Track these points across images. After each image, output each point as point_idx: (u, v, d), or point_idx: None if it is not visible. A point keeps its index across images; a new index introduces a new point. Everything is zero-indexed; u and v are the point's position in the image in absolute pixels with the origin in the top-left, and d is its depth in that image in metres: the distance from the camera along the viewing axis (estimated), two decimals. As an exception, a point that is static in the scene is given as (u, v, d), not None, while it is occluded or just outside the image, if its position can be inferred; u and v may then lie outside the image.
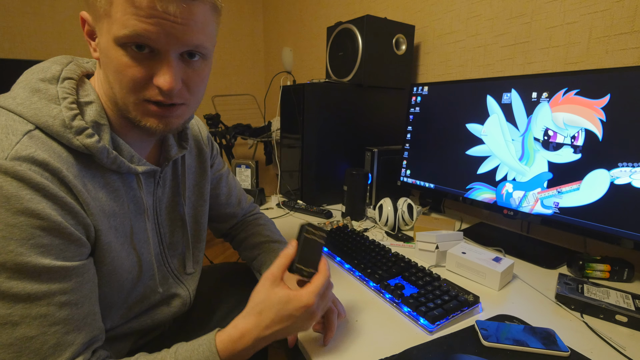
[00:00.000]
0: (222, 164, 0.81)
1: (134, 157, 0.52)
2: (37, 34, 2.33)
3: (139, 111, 0.48)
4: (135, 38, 0.42)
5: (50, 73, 0.47)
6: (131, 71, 0.44)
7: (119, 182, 0.52)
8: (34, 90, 0.45)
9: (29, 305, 0.40)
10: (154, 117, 0.48)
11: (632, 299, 0.63)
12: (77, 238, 0.44)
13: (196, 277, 0.69)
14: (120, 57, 0.44)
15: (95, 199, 0.47)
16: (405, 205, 1.03)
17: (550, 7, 0.98)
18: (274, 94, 2.85)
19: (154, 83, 0.45)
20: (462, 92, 0.99)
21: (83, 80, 0.50)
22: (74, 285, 0.44)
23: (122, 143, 0.51)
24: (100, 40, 0.46)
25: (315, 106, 1.20)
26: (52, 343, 0.42)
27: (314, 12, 2.25)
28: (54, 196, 0.41)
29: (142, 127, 0.49)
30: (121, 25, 0.42)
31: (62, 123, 0.44)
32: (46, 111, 0.44)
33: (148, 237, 0.57)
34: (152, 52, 0.44)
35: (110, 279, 0.51)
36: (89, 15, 0.46)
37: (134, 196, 0.54)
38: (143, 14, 0.41)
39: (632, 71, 0.69)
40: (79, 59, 0.53)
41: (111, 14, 0.42)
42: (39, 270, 0.40)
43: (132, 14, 0.41)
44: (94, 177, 0.48)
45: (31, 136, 0.42)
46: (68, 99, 0.46)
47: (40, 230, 0.40)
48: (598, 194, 0.74)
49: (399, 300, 0.64)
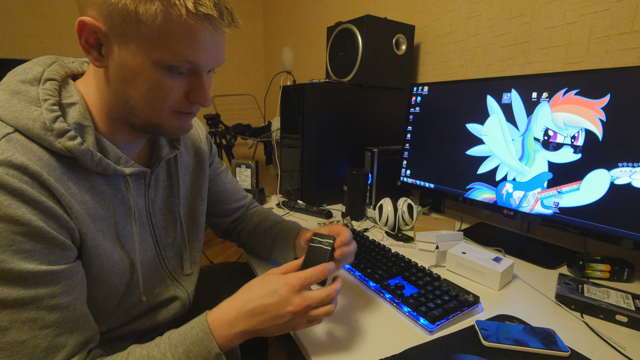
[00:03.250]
0: (220, 162, 0.82)
1: (120, 158, 0.51)
2: (37, 34, 2.33)
3: (169, 122, 0.51)
4: (187, 65, 0.46)
5: (32, 74, 0.46)
6: (170, 91, 0.47)
7: (104, 184, 0.51)
8: (14, 93, 0.44)
9: (17, 310, 0.40)
10: (181, 124, 0.52)
11: (632, 299, 0.63)
12: (62, 242, 0.43)
13: (194, 277, 0.69)
14: (160, 78, 0.46)
15: (80, 202, 0.47)
16: (405, 205, 1.03)
17: (550, 7, 0.98)
18: (274, 94, 2.85)
19: (190, 99, 0.50)
20: (462, 92, 0.99)
21: (67, 81, 0.49)
22: (62, 289, 0.43)
23: (108, 145, 0.50)
24: (125, 57, 0.44)
25: (315, 106, 1.20)
26: (44, 346, 0.41)
27: (314, 12, 2.26)
28: (33, 201, 0.40)
29: (167, 134, 0.52)
30: (174, 53, 0.44)
31: (43, 125, 0.43)
32: (26, 113, 0.43)
33: (134, 241, 0.56)
34: (189, 71, 0.48)
35: (101, 282, 0.51)
36: (103, 26, 0.43)
37: (122, 198, 0.54)
38: (200, 46, 0.45)
39: (632, 71, 0.69)
40: (64, 59, 0.52)
41: (157, 38, 0.43)
42: (24, 276, 0.40)
43: (189, 45, 0.44)
44: (78, 180, 0.47)
45: (9, 139, 0.42)
46: (49, 101, 0.45)
47: (22, 236, 0.40)
48: (598, 194, 0.74)
49: (399, 300, 0.64)
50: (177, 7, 0.42)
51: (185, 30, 0.43)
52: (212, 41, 0.46)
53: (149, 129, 0.51)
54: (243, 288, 0.52)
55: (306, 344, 0.55)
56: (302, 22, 2.42)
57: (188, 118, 0.53)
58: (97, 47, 0.45)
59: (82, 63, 0.55)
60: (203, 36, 0.45)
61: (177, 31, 0.43)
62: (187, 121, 0.53)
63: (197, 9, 0.42)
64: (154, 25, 0.42)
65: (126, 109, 0.49)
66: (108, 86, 0.47)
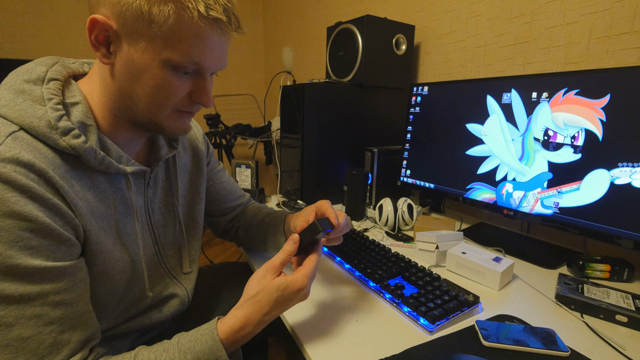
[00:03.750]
0: (218, 161, 0.83)
1: (122, 157, 0.52)
2: (37, 34, 2.33)
3: (170, 120, 0.52)
4: (193, 66, 0.48)
5: (35, 74, 0.47)
6: (174, 90, 0.49)
7: (105, 183, 0.51)
8: (19, 92, 0.45)
9: (23, 306, 0.40)
10: (181, 123, 0.54)
11: (632, 299, 0.63)
12: (67, 238, 0.44)
13: (193, 276, 0.70)
14: (167, 77, 0.47)
15: (83, 200, 0.47)
16: (405, 205, 1.03)
17: (550, 7, 0.98)
18: (274, 94, 2.85)
19: (193, 99, 0.51)
20: (462, 92, 0.99)
21: (69, 81, 0.50)
22: (67, 285, 0.44)
23: (110, 143, 0.51)
24: (134, 55, 0.45)
25: (315, 106, 1.20)
26: (48, 342, 0.42)
27: (314, 12, 2.26)
28: (40, 197, 0.41)
29: (167, 132, 0.53)
30: (182, 54, 0.46)
31: (48, 124, 0.44)
32: (31, 112, 0.44)
33: (137, 239, 0.57)
34: (194, 72, 0.50)
35: (103, 280, 0.51)
36: (114, 24, 0.44)
37: (123, 197, 0.54)
38: (207, 48, 0.47)
39: (632, 71, 0.69)
40: (65, 59, 0.53)
41: (167, 38, 0.44)
42: (30, 272, 0.40)
43: (197, 47, 0.46)
44: (81, 179, 0.48)
45: (15, 137, 0.42)
46: (53, 100, 0.45)
47: (29, 232, 0.40)
48: (598, 194, 0.74)
49: (399, 300, 0.64)
50: (189, 9, 0.43)
51: (195, 33, 0.45)
52: (218, 44, 0.48)
53: (149, 126, 0.52)
54: (250, 301, 0.51)
55: (306, 344, 0.55)
56: (302, 22, 2.42)
57: (188, 117, 0.55)
58: (105, 44, 0.46)
59: (83, 64, 0.56)
60: (211, 39, 0.47)
61: (187, 33, 0.45)
62: (186, 121, 0.55)
63: (208, 13, 0.45)
64: (165, 26, 0.44)
65: (129, 106, 0.49)
66: (114, 83, 0.48)
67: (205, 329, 0.49)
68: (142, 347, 0.48)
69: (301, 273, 0.52)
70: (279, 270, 0.53)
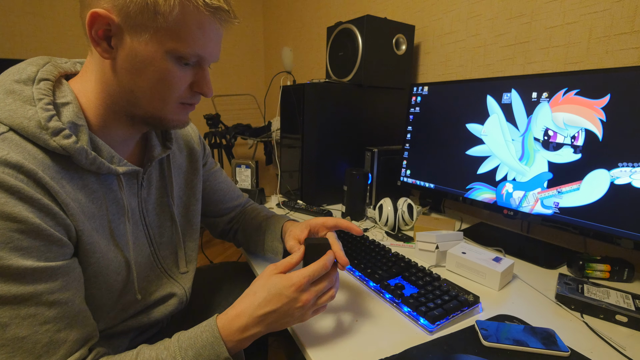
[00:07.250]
0: (214, 162, 0.83)
1: (114, 157, 0.52)
2: (37, 34, 2.33)
3: (174, 112, 0.53)
4: (195, 57, 0.49)
5: (26, 74, 0.46)
6: (178, 82, 0.49)
7: (96, 183, 0.51)
8: (9, 92, 0.45)
9: (17, 306, 0.40)
10: (185, 115, 0.55)
11: (632, 299, 0.63)
12: (58, 239, 0.43)
13: (191, 275, 0.69)
14: (170, 68, 0.48)
15: (74, 200, 0.47)
16: (405, 205, 1.03)
17: (550, 7, 0.98)
18: (274, 94, 2.85)
19: (195, 90, 0.53)
20: (462, 92, 0.99)
21: (60, 81, 0.50)
22: (60, 285, 0.44)
23: (101, 144, 0.50)
24: (137, 47, 0.46)
25: (315, 106, 1.20)
26: (44, 342, 0.42)
27: (314, 12, 2.26)
28: (29, 198, 0.41)
29: (169, 125, 0.54)
30: (186, 44, 0.47)
31: (38, 124, 0.43)
32: (21, 112, 0.43)
33: (128, 240, 0.56)
34: (194, 63, 0.51)
35: (98, 280, 0.51)
36: (116, 18, 0.44)
37: (115, 197, 0.54)
38: (208, 38, 0.48)
39: (632, 71, 0.69)
40: (57, 59, 0.53)
41: (172, 29, 0.45)
42: (22, 273, 0.40)
43: (201, 37, 0.47)
44: (71, 179, 0.47)
45: (3, 138, 0.42)
46: (44, 100, 0.45)
47: (19, 234, 0.40)
48: (598, 194, 0.74)
49: (399, 300, 0.64)
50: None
51: (199, 22, 0.46)
52: (217, 34, 0.50)
53: (150, 121, 0.52)
54: (248, 293, 0.51)
55: (306, 344, 0.55)
56: (302, 22, 2.42)
57: (189, 110, 0.56)
58: (106, 39, 0.46)
59: (75, 63, 0.55)
60: (212, 28, 0.48)
61: (191, 23, 0.46)
62: (187, 113, 0.56)
63: (211, 2, 0.46)
64: (171, 17, 0.44)
65: (130, 101, 0.50)
66: (114, 78, 0.48)
67: (205, 326, 0.49)
68: (143, 346, 0.48)
69: (300, 272, 0.51)
70: (283, 270, 0.53)
